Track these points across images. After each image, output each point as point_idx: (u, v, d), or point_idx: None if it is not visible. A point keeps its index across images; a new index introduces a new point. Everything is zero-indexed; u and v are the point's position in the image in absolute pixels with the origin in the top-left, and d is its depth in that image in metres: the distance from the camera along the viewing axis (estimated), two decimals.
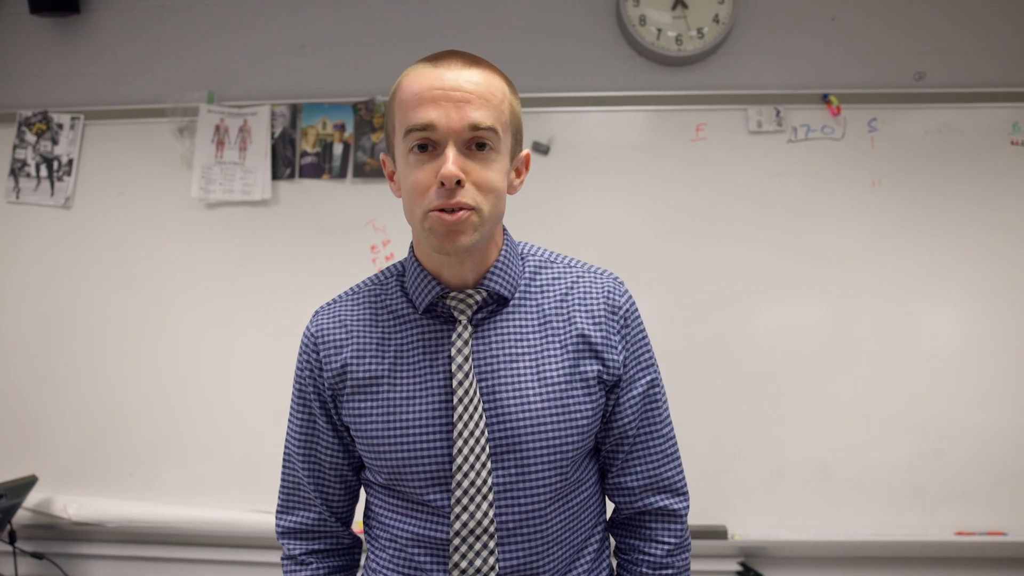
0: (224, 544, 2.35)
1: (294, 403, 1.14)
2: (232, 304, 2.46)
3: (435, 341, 1.06)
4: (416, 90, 0.97)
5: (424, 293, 1.07)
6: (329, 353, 1.08)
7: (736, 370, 2.34)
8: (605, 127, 2.45)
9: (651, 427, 1.13)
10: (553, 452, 1.03)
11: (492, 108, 0.97)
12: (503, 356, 1.05)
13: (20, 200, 2.55)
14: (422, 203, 0.97)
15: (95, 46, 2.63)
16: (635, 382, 1.11)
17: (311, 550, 1.15)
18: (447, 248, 0.97)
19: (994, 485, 2.26)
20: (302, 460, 1.13)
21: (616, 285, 1.12)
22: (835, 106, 2.38)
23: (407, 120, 0.97)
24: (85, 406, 2.46)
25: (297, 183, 2.50)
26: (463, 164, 0.95)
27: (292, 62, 2.58)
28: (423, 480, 1.03)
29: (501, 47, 2.51)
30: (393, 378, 1.06)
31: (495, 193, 0.99)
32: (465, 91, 0.96)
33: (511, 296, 1.08)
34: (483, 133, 0.96)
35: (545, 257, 1.14)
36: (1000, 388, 2.29)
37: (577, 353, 1.06)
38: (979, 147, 2.36)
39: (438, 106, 0.95)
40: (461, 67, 0.98)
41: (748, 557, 2.30)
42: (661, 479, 1.13)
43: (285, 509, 1.16)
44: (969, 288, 2.32)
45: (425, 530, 1.05)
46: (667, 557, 1.13)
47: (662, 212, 2.41)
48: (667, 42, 2.43)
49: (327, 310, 1.13)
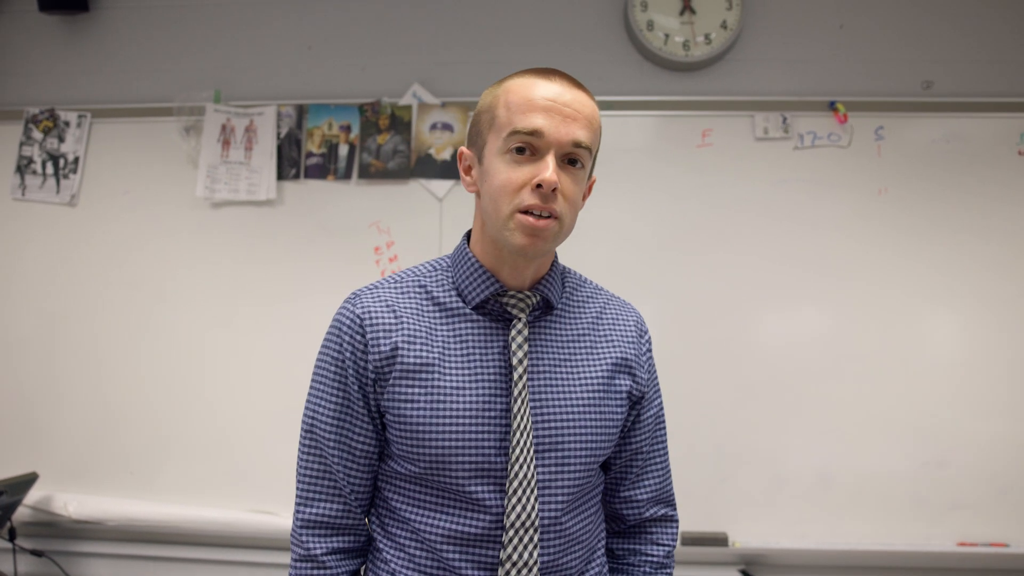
0: (224, 544, 2.34)
1: (327, 386, 1.09)
2: (235, 303, 2.46)
3: (486, 336, 1.09)
4: (528, 96, 1.02)
5: (481, 288, 1.09)
6: (377, 335, 1.07)
7: (739, 377, 2.33)
8: (611, 131, 2.42)
9: (659, 445, 1.24)
10: (589, 454, 1.09)
11: (592, 131, 1.05)
12: (549, 358, 1.10)
13: (26, 197, 2.56)
14: (511, 201, 1.01)
15: (103, 44, 2.64)
16: (652, 403, 1.21)
17: (332, 548, 1.10)
18: (527, 250, 1.03)
19: (997, 496, 2.25)
20: (334, 445, 1.09)
21: (640, 315, 1.24)
22: (842, 114, 2.38)
23: (515, 122, 1.01)
24: (87, 404, 2.46)
25: (302, 183, 2.50)
26: (558, 175, 1.01)
27: (299, 63, 2.58)
28: (468, 470, 1.04)
29: (508, 50, 2.51)
30: (443, 367, 1.06)
31: (575, 208, 1.06)
32: (576, 109, 1.02)
33: (556, 305, 1.14)
34: (580, 151, 1.03)
35: (579, 278, 1.23)
36: (1004, 398, 2.28)
37: (614, 367, 1.14)
38: (986, 156, 2.35)
39: (549, 116, 1.01)
40: (570, 86, 1.05)
41: (749, 564, 2.29)
42: (664, 491, 1.24)
43: (308, 499, 1.10)
44: (974, 298, 2.32)
45: (460, 525, 1.05)
46: (666, 558, 1.22)
47: (667, 217, 2.40)
48: (674, 47, 2.43)
49: (371, 294, 1.11)
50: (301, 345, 2.29)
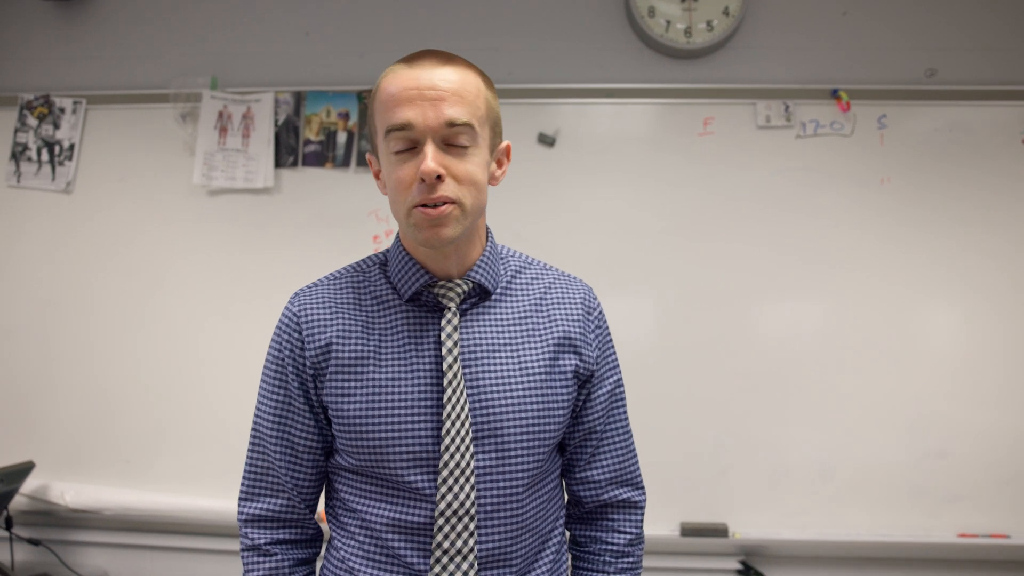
0: (220, 533, 2.33)
1: (268, 384, 1.12)
2: (232, 292, 2.44)
3: (420, 327, 1.09)
4: (393, 91, 1.01)
5: (411, 281, 1.10)
6: (313, 331, 1.09)
7: (739, 367, 2.32)
8: (612, 119, 2.43)
9: (616, 423, 1.21)
10: (532, 439, 1.08)
11: (467, 104, 1.02)
12: (485, 345, 1.09)
13: (21, 184, 2.54)
14: (406, 199, 1.01)
15: (98, 30, 2.62)
16: (604, 380, 1.19)
17: (277, 539, 1.12)
18: (432, 241, 1.02)
19: (997, 487, 2.24)
20: (275, 442, 1.11)
21: (589, 290, 1.21)
22: (845, 102, 2.36)
23: (386, 121, 1.01)
24: (83, 392, 2.44)
25: (300, 171, 2.48)
26: (442, 160, 0.99)
27: (296, 49, 2.56)
28: (406, 462, 1.04)
29: (508, 38, 2.48)
30: (378, 360, 1.07)
31: (475, 186, 1.03)
32: (440, 89, 1.00)
33: (493, 291, 1.13)
34: (459, 129, 1.00)
35: (524, 260, 1.21)
36: (1005, 390, 2.27)
37: (557, 347, 1.12)
38: (989, 146, 2.34)
39: (414, 105, 0.99)
40: (435, 66, 1.02)
41: (748, 555, 2.28)
42: (625, 472, 1.21)
43: (251, 495, 1.13)
44: (977, 288, 2.30)
45: (401, 514, 1.05)
46: (628, 547, 1.20)
47: (668, 206, 2.38)
48: (676, 34, 2.40)
49: (309, 292, 1.14)
50: None
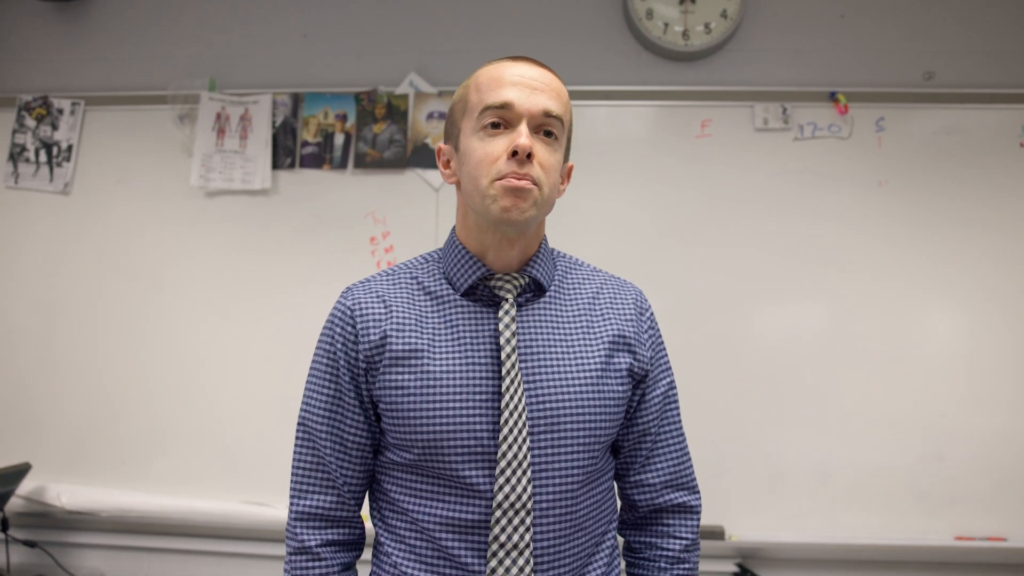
0: (218, 535, 2.33)
1: (319, 378, 1.12)
2: (230, 294, 2.44)
3: (475, 320, 1.09)
4: (498, 75, 1.06)
5: (468, 273, 1.11)
6: (367, 325, 1.09)
7: (737, 369, 2.31)
8: (610, 121, 2.43)
9: (671, 425, 1.20)
10: (588, 435, 1.07)
11: (562, 104, 1.07)
12: (541, 340, 1.10)
13: (19, 185, 2.54)
14: (490, 172, 1.03)
15: (97, 31, 2.61)
16: (658, 382, 1.18)
17: (326, 541, 1.11)
18: (511, 211, 1.02)
19: (995, 490, 2.24)
20: (326, 437, 1.10)
21: (640, 292, 1.22)
22: (843, 104, 2.36)
23: (485, 100, 1.04)
24: (79, 394, 2.44)
25: (297, 173, 2.48)
26: (533, 143, 1.02)
27: (294, 51, 2.55)
28: (461, 454, 1.03)
29: (506, 39, 2.48)
30: (433, 352, 1.07)
31: (553, 178, 1.07)
32: (542, 82, 1.06)
33: (548, 287, 1.14)
34: (553, 121, 1.05)
35: (573, 261, 1.23)
36: (1003, 393, 2.26)
37: (612, 346, 1.12)
38: (987, 148, 2.34)
39: (518, 89, 1.04)
40: (536, 66, 1.08)
41: (745, 558, 2.28)
42: (680, 475, 1.20)
43: (303, 492, 1.11)
44: (974, 291, 2.30)
45: (455, 511, 1.04)
46: (684, 552, 1.18)
47: (665, 208, 2.38)
48: (674, 37, 2.40)
49: (363, 286, 1.14)
50: (295, 335, 2.28)
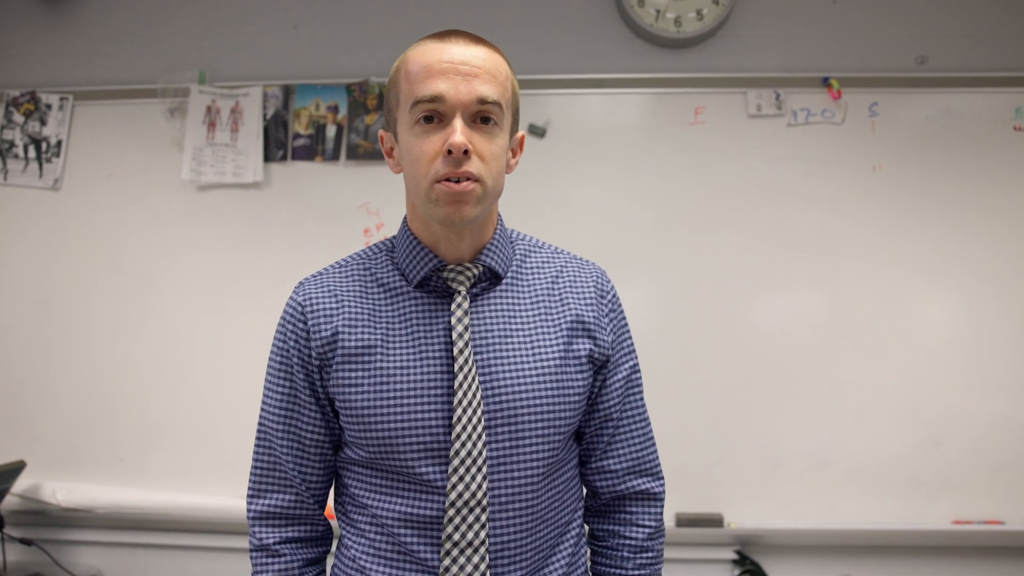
0: (214, 531, 2.32)
1: (273, 377, 1.10)
2: (223, 288, 2.43)
3: (429, 313, 1.06)
4: (424, 63, 0.99)
5: (420, 266, 1.07)
6: (318, 321, 1.06)
7: (734, 357, 2.31)
8: (602, 110, 2.42)
9: (633, 410, 1.17)
10: (547, 427, 1.04)
11: (498, 84, 1.00)
12: (497, 331, 1.06)
13: (8, 182, 2.52)
14: (428, 172, 0.98)
15: (85, 25, 2.59)
16: (620, 366, 1.15)
17: (285, 538, 1.09)
18: (453, 218, 0.99)
19: (992, 474, 2.24)
20: (282, 436, 1.09)
21: (602, 273, 1.17)
22: (836, 90, 2.35)
23: (415, 92, 0.98)
24: (74, 390, 2.43)
25: (289, 165, 2.47)
26: (469, 136, 0.97)
27: (285, 42, 2.54)
28: (416, 451, 1.01)
29: (497, 27, 2.46)
30: (386, 348, 1.04)
31: (498, 167, 1.02)
32: (473, 65, 0.98)
33: (504, 274, 1.10)
34: (489, 107, 0.99)
35: (533, 243, 1.18)
36: (999, 378, 2.27)
37: (571, 332, 1.09)
38: (981, 132, 2.33)
39: (447, 79, 0.97)
40: (468, 44, 1.01)
41: (744, 545, 2.28)
42: (643, 461, 1.17)
43: (259, 491, 1.11)
44: (969, 276, 2.30)
45: (413, 508, 1.02)
46: (647, 540, 1.15)
47: (659, 196, 2.38)
48: (666, 23, 2.39)
49: (314, 281, 1.11)
50: None
